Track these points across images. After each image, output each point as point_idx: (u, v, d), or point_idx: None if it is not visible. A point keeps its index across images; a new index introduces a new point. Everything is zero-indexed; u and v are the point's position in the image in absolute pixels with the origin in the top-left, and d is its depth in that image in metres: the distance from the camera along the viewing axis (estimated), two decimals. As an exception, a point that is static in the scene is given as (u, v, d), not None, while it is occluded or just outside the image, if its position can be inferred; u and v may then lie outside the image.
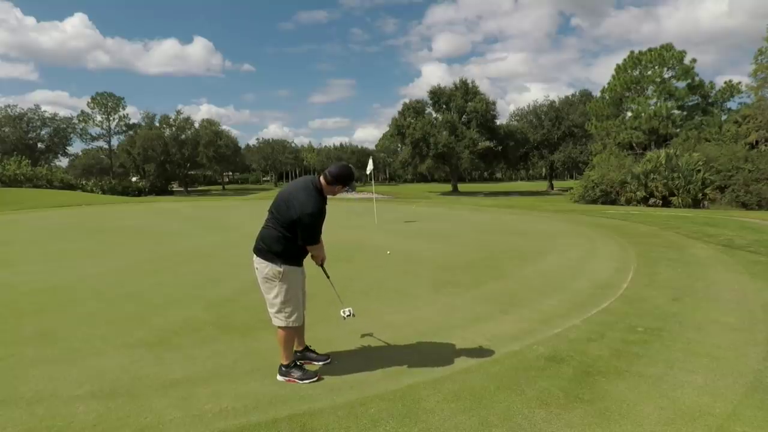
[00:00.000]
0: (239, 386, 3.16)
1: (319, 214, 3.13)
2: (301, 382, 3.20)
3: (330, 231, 3.93)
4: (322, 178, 3.22)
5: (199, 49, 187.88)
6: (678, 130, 35.66)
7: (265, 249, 3.22)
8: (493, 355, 3.66)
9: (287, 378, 3.24)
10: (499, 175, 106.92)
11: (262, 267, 3.23)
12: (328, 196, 3.26)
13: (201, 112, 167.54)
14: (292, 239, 3.18)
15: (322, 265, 3.48)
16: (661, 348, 3.77)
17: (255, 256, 3.29)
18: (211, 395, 3.03)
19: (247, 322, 4.56)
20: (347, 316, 3.58)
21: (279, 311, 3.23)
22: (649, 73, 37.29)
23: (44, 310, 5.09)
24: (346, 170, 3.22)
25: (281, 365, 3.29)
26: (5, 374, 3.39)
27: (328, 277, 3.57)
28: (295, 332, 3.40)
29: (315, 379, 3.24)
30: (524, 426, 2.64)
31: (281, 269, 3.18)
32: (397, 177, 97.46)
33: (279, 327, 3.27)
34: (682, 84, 37.04)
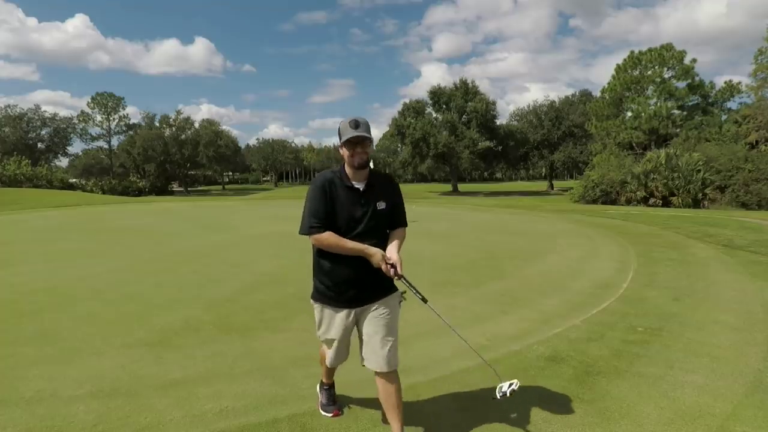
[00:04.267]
0: (239, 386, 3.16)
1: (312, 189, 2.48)
2: (319, 407, 2.88)
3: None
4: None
5: (200, 49, 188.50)
6: (678, 130, 35.67)
7: None
8: (493, 355, 3.66)
9: (319, 394, 2.94)
10: (499, 175, 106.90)
11: None
12: (357, 170, 2.49)
13: (201, 112, 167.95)
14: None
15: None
16: (661, 348, 3.77)
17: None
18: (211, 395, 3.03)
19: (247, 322, 4.56)
20: (507, 391, 2.41)
21: None
22: (649, 73, 37.29)
23: (44, 310, 5.09)
24: (340, 124, 2.45)
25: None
26: (5, 374, 3.39)
27: None
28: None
29: (330, 415, 2.82)
30: (524, 426, 2.64)
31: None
32: (397, 177, 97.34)
33: None
34: (682, 84, 37.10)
